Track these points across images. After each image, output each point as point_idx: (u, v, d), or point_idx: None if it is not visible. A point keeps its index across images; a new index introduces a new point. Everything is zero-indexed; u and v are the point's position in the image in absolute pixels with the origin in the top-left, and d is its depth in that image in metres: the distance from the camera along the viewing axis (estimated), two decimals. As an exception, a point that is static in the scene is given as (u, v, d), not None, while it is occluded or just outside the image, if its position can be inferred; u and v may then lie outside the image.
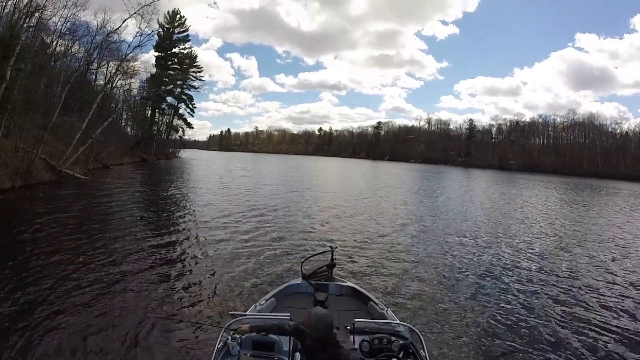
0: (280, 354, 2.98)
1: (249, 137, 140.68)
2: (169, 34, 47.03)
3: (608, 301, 6.35)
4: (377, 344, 2.96)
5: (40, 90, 19.81)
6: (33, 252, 7.07)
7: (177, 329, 4.56)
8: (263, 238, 9.28)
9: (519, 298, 6.26)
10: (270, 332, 2.92)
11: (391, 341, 2.96)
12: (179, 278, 6.38)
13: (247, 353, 2.94)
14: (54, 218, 9.89)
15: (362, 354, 2.94)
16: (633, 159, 65.07)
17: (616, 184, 45.28)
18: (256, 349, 2.99)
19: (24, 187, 14.22)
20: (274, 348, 2.99)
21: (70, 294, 5.33)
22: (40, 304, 4.98)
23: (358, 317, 3.39)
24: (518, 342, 4.75)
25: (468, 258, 8.58)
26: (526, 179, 44.37)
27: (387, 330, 3.13)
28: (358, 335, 3.06)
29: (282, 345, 3.01)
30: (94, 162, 24.06)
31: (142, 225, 9.99)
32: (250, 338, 3.01)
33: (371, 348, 2.95)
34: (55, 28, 23.55)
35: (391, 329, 3.18)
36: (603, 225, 14.70)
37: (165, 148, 47.89)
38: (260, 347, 2.99)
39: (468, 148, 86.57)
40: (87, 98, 25.44)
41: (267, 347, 2.99)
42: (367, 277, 6.82)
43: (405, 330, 3.15)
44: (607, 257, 9.35)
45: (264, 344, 2.99)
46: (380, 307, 3.93)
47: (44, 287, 5.50)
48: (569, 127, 79.17)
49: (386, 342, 2.96)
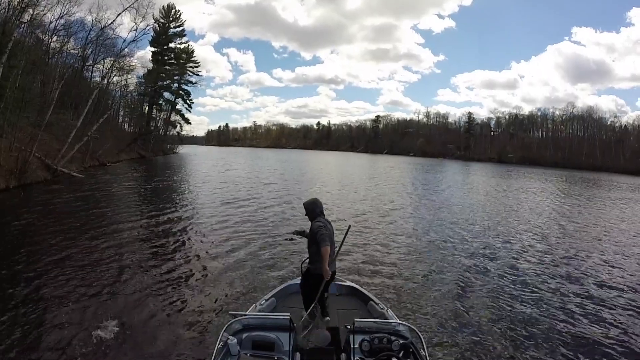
0: (280, 353, 2.97)
1: (247, 132, 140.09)
2: (164, 29, 46.49)
3: (611, 298, 6.34)
4: (377, 343, 2.94)
5: (35, 87, 19.59)
6: (25, 256, 6.92)
7: (176, 329, 4.53)
8: (263, 236, 9.20)
9: (519, 296, 6.21)
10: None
11: (391, 341, 2.94)
12: (178, 279, 6.29)
13: (247, 353, 2.93)
14: (47, 219, 9.76)
15: (362, 354, 2.92)
16: (632, 153, 65.02)
17: (615, 178, 45.29)
18: (256, 348, 2.98)
19: (18, 187, 13.99)
20: (274, 348, 2.98)
21: (66, 296, 5.25)
22: (33, 306, 4.91)
23: (358, 317, 3.36)
24: (518, 341, 4.72)
25: (468, 256, 8.49)
26: (526, 173, 44.36)
27: (387, 330, 3.11)
28: (358, 335, 3.03)
29: (282, 345, 3.00)
30: (90, 160, 23.87)
31: (139, 226, 9.86)
32: (250, 338, 3.01)
33: (371, 347, 2.93)
34: (50, 24, 23.33)
35: (391, 328, 3.16)
36: (601, 219, 14.69)
37: (163, 144, 47.51)
38: (260, 347, 2.98)
39: (467, 141, 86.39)
40: (83, 95, 25.17)
41: (267, 346, 2.98)
42: (365, 275, 6.76)
43: (405, 329, 3.12)
44: (604, 255, 9.31)
45: (264, 343, 2.99)
46: (380, 306, 3.94)
47: (36, 291, 5.39)
48: (568, 120, 79.09)
49: (386, 341, 2.94)
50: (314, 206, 3.93)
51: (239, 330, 3.14)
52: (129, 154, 35.02)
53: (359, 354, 2.92)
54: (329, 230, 3.79)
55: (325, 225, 3.78)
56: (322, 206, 3.98)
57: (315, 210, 3.91)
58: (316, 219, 3.86)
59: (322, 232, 3.65)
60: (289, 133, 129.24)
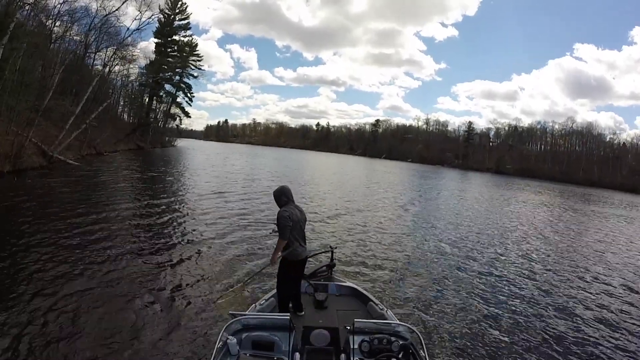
0: (280, 353, 2.96)
1: (246, 128, 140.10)
2: (169, 21, 46.33)
3: (610, 308, 6.33)
4: (377, 344, 2.92)
5: (36, 71, 19.35)
6: (15, 244, 6.65)
7: (176, 329, 4.41)
8: (263, 234, 8.99)
9: (520, 299, 6.23)
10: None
11: (391, 341, 2.93)
12: (176, 276, 6.08)
13: (246, 353, 2.93)
14: (40, 207, 9.53)
15: (361, 354, 2.91)
16: (629, 170, 65.51)
17: (612, 194, 45.62)
18: (256, 348, 2.97)
19: (12, 172, 13.73)
20: (274, 348, 2.97)
21: (59, 290, 5.01)
22: (21, 301, 4.72)
23: (358, 317, 3.35)
24: (518, 341, 4.73)
25: (468, 258, 8.53)
26: (524, 185, 44.57)
27: (386, 331, 3.09)
28: (358, 336, 3.00)
29: (282, 345, 2.99)
30: (87, 148, 23.58)
31: (133, 217, 9.66)
32: (250, 338, 3.00)
33: (371, 348, 2.91)
34: (54, 9, 23.13)
35: (391, 329, 3.14)
36: (595, 233, 14.68)
37: (162, 136, 47.31)
38: (260, 347, 2.97)
39: (465, 150, 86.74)
40: (84, 82, 24.94)
41: (267, 346, 2.97)
42: (364, 275, 6.68)
43: (405, 330, 3.10)
44: (595, 269, 9.37)
45: (264, 343, 2.98)
46: (380, 307, 3.95)
47: (26, 284, 5.14)
48: (567, 134, 79.60)
49: (386, 342, 2.93)
50: (280, 194, 4.05)
51: (238, 330, 3.12)
52: (126, 144, 34.74)
53: (359, 354, 2.91)
54: (295, 217, 3.93)
55: (290, 213, 3.91)
56: (290, 194, 4.08)
57: (281, 199, 4.04)
58: (283, 207, 3.98)
59: (282, 224, 3.83)
60: (288, 132, 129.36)
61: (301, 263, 4.07)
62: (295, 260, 3.99)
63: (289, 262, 3.98)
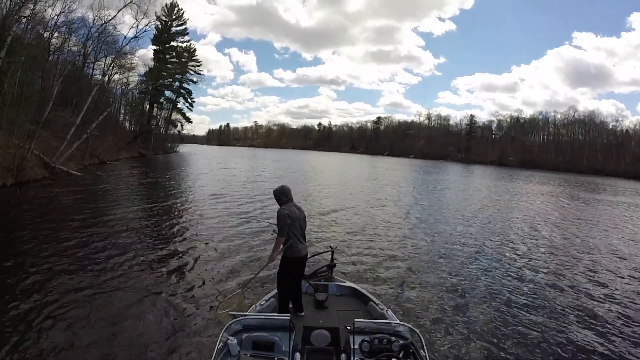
0: (280, 354, 2.96)
1: (248, 131, 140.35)
2: (167, 27, 46.48)
3: (615, 299, 6.26)
4: (377, 344, 2.91)
5: (35, 84, 19.46)
6: (18, 254, 6.75)
7: (176, 329, 4.43)
8: (264, 236, 8.99)
9: (521, 299, 6.11)
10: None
11: (391, 341, 2.92)
12: (177, 279, 6.15)
13: (247, 353, 2.93)
14: (43, 218, 9.60)
15: (362, 354, 2.89)
16: (633, 157, 64.92)
17: (616, 182, 45.20)
18: (256, 349, 2.97)
19: (15, 185, 13.81)
20: (274, 348, 2.96)
21: (62, 298, 5.08)
22: (24, 312, 4.76)
23: (358, 317, 3.35)
24: (518, 341, 4.65)
25: (471, 256, 8.45)
26: (527, 176, 44.27)
27: (387, 330, 3.07)
28: (358, 336, 2.99)
29: (282, 345, 2.98)
30: (89, 158, 23.73)
31: (135, 223, 9.72)
32: (250, 338, 3.00)
33: (371, 348, 2.90)
34: (51, 20, 23.27)
35: (391, 329, 3.12)
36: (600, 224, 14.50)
37: (164, 143, 47.46)
38: (260, 347, 2.97)
39: (468, 144, 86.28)
40: (84, 92, 25.07)
41: (267, 347, 2.97)
42: (364, 275, 6.65)
43: (406, 330, 3.08)
44: (609, 262, 9.28)
45: (264, 344, 2.97)
46: (380, 307, 3.93)
47: (31, 293, 5.21)
48: (570, 124, 78.98)
49: (386, 342, 2.92)
50: (280, 193, 4.14)
51: (239, 330, 3.12)
52: (129, 152, 34.90)
53: (359, 354, 2.90)
54: (294, 215, 3.99)
55: (289, 211, 3.98)
56: (289, 193, 4.17)
57: (281, 198, 4.13)
58: (282, 205, 4.05)
59: (281, 223, 3.90)
60: (290, 133, 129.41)
61: (301, 260, 4.09)
62: (296, 257, 4.00)
63: (290, 259, 4.01)
